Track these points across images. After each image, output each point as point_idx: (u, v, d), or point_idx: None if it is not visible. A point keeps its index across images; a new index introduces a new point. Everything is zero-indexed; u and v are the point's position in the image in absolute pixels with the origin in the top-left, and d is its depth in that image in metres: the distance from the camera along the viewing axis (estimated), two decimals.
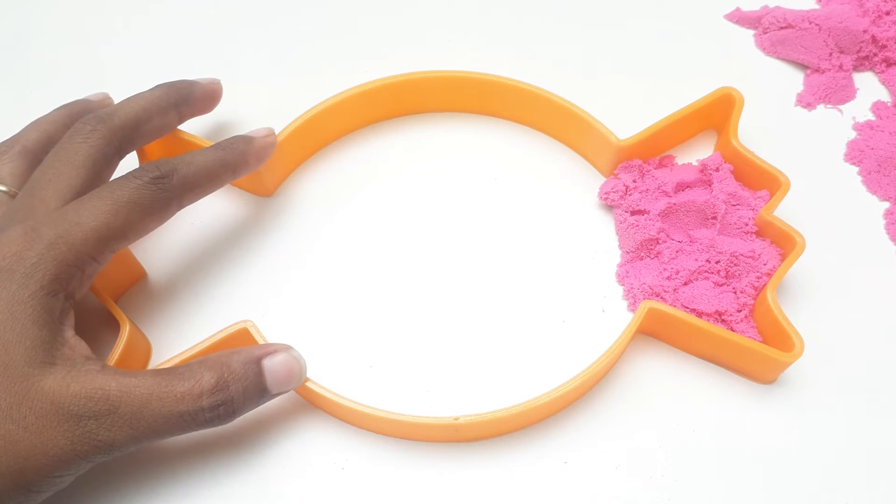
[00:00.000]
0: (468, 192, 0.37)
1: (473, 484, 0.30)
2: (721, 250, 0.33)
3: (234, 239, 0.35)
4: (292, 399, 0.31)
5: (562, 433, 0.31)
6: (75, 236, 0.26)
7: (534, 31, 0.44)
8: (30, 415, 0.24)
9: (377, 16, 0.44)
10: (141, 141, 0.32)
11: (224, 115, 0.39)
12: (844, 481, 0.30)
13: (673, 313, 0.31)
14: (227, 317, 0.33)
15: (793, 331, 0.30)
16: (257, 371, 0.27)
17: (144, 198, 0.28)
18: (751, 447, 0.30)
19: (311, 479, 0.30)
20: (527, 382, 0.31)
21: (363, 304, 0.34)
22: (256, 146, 0.33)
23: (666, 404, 0.31)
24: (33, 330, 0.25)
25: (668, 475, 0.30)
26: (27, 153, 0.31)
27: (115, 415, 0.25)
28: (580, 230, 0.36)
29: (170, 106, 0.33)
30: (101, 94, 0.36)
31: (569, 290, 0.34)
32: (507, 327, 0.33)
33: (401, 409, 0.29)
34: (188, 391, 0.26)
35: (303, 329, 0.33)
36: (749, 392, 0.32)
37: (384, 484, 0.30)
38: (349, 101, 0.37)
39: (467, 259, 0.35)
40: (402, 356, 0.32)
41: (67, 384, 0.25)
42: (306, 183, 0.38)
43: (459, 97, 0.39)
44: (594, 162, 0.38)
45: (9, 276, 0.25)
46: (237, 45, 0.43)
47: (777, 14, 0.42)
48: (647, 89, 0.41)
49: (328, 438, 0.31)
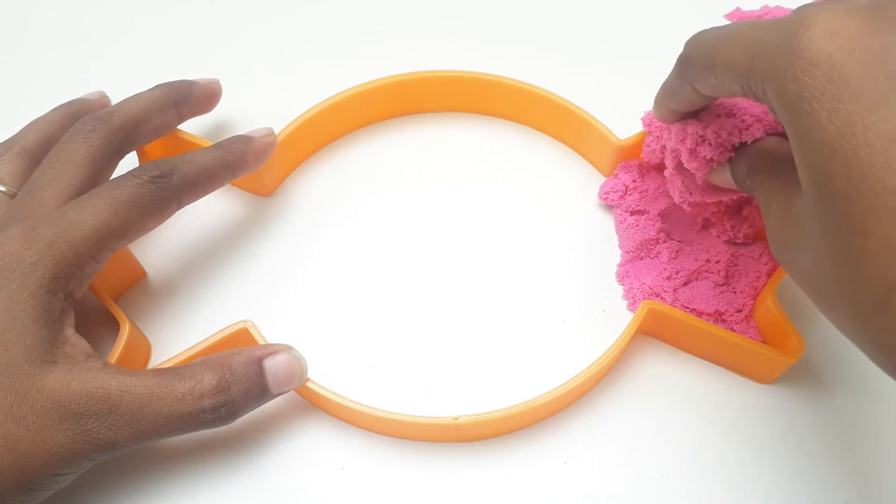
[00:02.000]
0: (468, 192, 0.37)
1: (473, 484, 0.30)
2: (721, 250, 0.33)
3: (234, 239, 0.35)
4: (292, 399, 0.31)
5: (562, 433, 0.31)
6: (75, 235, 0.26)
7: (534, 30, 0.44)
8: (31, 413, 0.24)
9: (377, 16, 0.44)
10: (140, 141, 0.32)
11: (224, 115, 0.39)
12: (844, 481, 0.30)
13: (673, 313, 0.31)
14: (227, 317, 0.33)
15: (793, 331, 0.30)
16: (258, 372, 0.27)
17: (144, 197, 0.28)
18: (751, 447, 0.30)
19: (311, 479, 0.30)
20: (527, 382, 0.31)
21: (363, 303, 0.34)
22: (256, 146, 0.33)
23: (666, 404, 0.31)
24: (33, 329, 0.25)
25: (668, 475, 0.30)
26: (26, 153, 0.31)
27: (116, 414, 0.25)
28: (580, 230, 0.36)
29: (169, 106, 0.33)
30: (99, 93, 0.36)
31: (569, 290, 0.34)
32: (507, 327, 0.33)
33: (401, 409, 0.29)
34: (189, 391, 0.26)
35: (303, 329, 0.33)
36: (749, 392, 0.32)
37: (384, 484, 0.30)
38: (349, 101, 0.37)
39: (467, 259, 0.35)
40: (402, 356, 0.32)
41: (68, 382, 0.25)
42: (306, 183, 0.38)
43: (459, 97, 0.39)
44: (594, 162, 0.38)
45: (8, 275, 0.25)
46: (237, 45, 0.43)
47: (777, 14, 0.42)
48: (648, 89, 0.40)
49: (328, 438, 0.30)
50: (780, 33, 0.21)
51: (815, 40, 0.20)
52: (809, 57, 0.20)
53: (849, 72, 0.20)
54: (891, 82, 0.19)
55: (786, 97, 0.21)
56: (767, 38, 0.22)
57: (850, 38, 0.20)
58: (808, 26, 0.20)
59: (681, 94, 0.27)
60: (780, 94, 0.21)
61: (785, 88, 0.21)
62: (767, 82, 0.22)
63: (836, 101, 0.20)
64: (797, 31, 0.20)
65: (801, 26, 0.20)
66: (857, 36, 0.20)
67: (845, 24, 0.20)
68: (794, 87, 0.20)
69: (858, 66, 0.19)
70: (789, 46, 0.21)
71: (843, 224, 0.20)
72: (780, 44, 0.21)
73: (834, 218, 0.20)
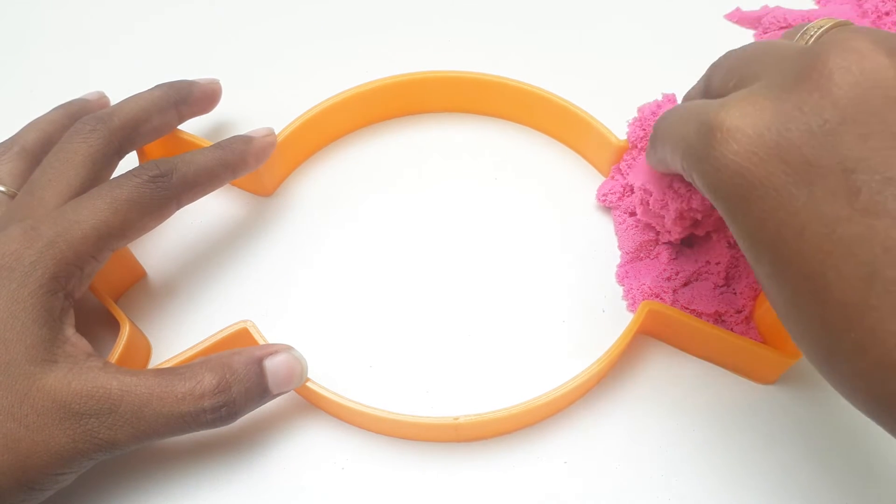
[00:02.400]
0: (468, 193, 0.37)
1: (473, 484, 0.30)
2: (721, 252, 0.33)
3: (234, 239, 0.35)
4: (292, 399, 0.31)
5: (562, 433, 0.31)
6: (74, 234, 0.26)
7: (534, 31, 0.44)
8: (31, 413, 0.24)
9: (377, 16, 0.44)
10: (140, 141, 0.32)
11: (224, 115, 0.39)
12: (844, 482, 0.30)
13: (673, 314, 0.31)
14: (227, 317, 0.33)
15: None
16: (259, 371, 0.27)
17: (143, 196, 0.28)
18: (751, 447, 0.30)
19: (311, 479, 0.30)
20: (527, 382, 0.31)
21: (363, 303, 0.34)
22: (256, 146, 0.33)
23: (666, 404, 0.31)
24: (33, 328, 0.25)
25: (668, 475, 0.30)
26: (26, 154, 0.31)
27: (116, 413, 0.25)
28: (580, 230, 0.36)
29: (169, 106, 0.33)
30: (98, 94, 0.36)
31: (569, 290, 0.34)
32: (507, 327, 0.33)
33: (401, 409, 0.29)
34: (189, 391, 0.26)
35: (303, 329, 0.33)
36: (749, 392, 0.32)
37: (384, 484, 0.29)
38: (349, 101, 0.37)
39: (467, 259, 0.35)
40: (402, 356, 0.32)
41: (69, 382, 0.25)
42: (306, 183, 0.38)
43: (459, 97, 0.39)
44: (594, 162, 0.38)
45: (8, 274, 0.25)
46: (237, 45, 0.43)
47: (777, 14, 0.43)
48: (648, 89, 0.40)
49: (328, 438, 0.30)
50: (698, 134, 0.23)
51: (717, 147, 0.22)
52: (716, 164, 0.22)
53: (749, 172, 0.22)
54: (790, 176, 0.21)
55: (711, 198, 0.23)
56: (690, 139, 0.24)
57: (743, 139, 0.22)
58: (712, 131, 0.23)
59: (657, 164, 0.30)
60: (704, 189, 0.24)
61: (707, 190, 0.23)
62: (696, 182, 0.24)
63: (744, 202, 0.22)
64: (706, 136, 0.23)
65: (709, 131, 0.23)
66: (751, 131, 0.22)
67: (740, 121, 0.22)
68: (712, 192, 0.23)
69: (755, 165, 0.22)
70: (703, 151, 0.23)
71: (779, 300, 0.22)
72: (696, 146, 0.23)
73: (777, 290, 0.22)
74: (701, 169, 0.23)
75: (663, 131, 0.27)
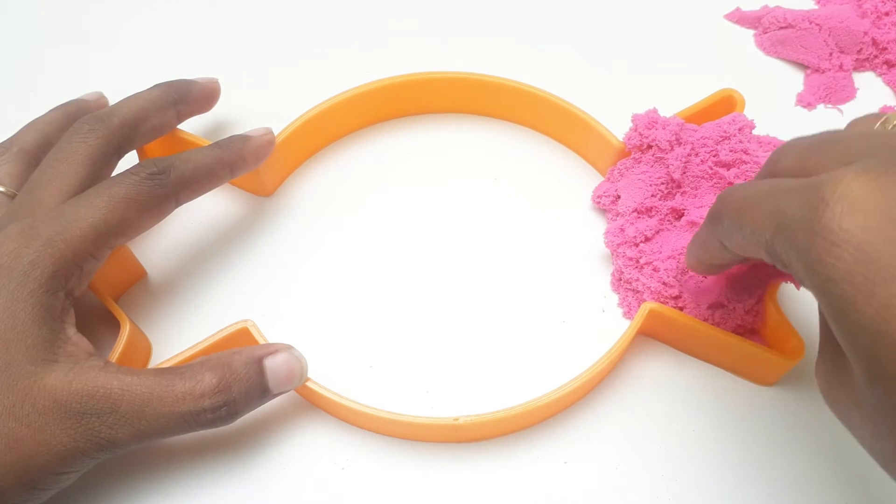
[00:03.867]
0: (468, 193, 0.37)
1: (473, 484, 0.30)
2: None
3: (233, 239, 0.35)
4: (292, 399, 0.31)
5: (562, 433, 0.31)
6: (73, 233, 0.26)
7: (534, 31, 0.44)
8: (33, 412, 0.24)
9: (377, 16, 0.44)
10: (140, 140, 0.32)
11: (223, 114, 0.39)
12: (844, 483, 0.30)
13: (674, 315, 0.31)
14: (227, 317, 0.33)
15: (793, 333, 0.30)
16: (259, 371, 0.27)
17: (141, 194, 0.28)
18: (751, 448, 0.30)
19: (311, 479, 0.30)
20: (527, 383, 0.31)
21: (363, 304, 0.34)
22: (254, 145, 0.33)
23: (666, 405, 0.31)
24: (34, 328, 0.25)
25: (668, 475, 0.30)
26: (25, 154, 0.31)
27: (117, 413, 0.25)
28: (580, 231, 0.36)
29: (168, 105, 0.33)
30: (96, 94, 0.36)
31: (569, 290, 0.34)
32: (507, 328, 0.33)
33: (401, 409, 0.29)
34: (189, 391, 0.26)
35: (303, 329, 0.33)
36: (749, 393, 0.32)
37: (384, 484, 0.29)
38: (349, 101, 0.37)
39: (467, 259, 0.35)
40: (402, 356, 0.32)
41: (69, 381, 0.25)
42: (306, 183, 0.38)
43: (459, 98, 0.39)
44: (595, 163, 0.38)
45: (7, 274, 0.25)
46: (236, 44, 0.43)
47: (777, 14, 0.43)
48: (648, 90, 0.41)
49: (328, 438, 0.30)
50: (801, 207, 0.20)
51: (834, 219, 0.19)
52: (833, 238, 0.19)
53: (877, 251, 0.18)
54: None
55: (815, 280, 0.20)
56: (789, 212, 0.21)
57: (871, 213, 0.19)
58: (826, 203, 0.19)
59: (710, 247, 0.27)
60: (808, 274, 0.20)
61: (812, 269, 0.20)
62: (794, 260, 0.21)
63: (869, 284, 0.18)
64: (817, 209, 0.20)
65: (821, 203, 0.20)
66: (877, 207, 0.19)
67: (863, 195, 0.19)
68: (822, 269, 0.19)
69: (885, 244, 0.18)
70: (810, 225, 0.20)
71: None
72: (800, 219, 0.20)
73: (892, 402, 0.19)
74: (807, 245, 0.20)
75: (740, 207, 0.24)
